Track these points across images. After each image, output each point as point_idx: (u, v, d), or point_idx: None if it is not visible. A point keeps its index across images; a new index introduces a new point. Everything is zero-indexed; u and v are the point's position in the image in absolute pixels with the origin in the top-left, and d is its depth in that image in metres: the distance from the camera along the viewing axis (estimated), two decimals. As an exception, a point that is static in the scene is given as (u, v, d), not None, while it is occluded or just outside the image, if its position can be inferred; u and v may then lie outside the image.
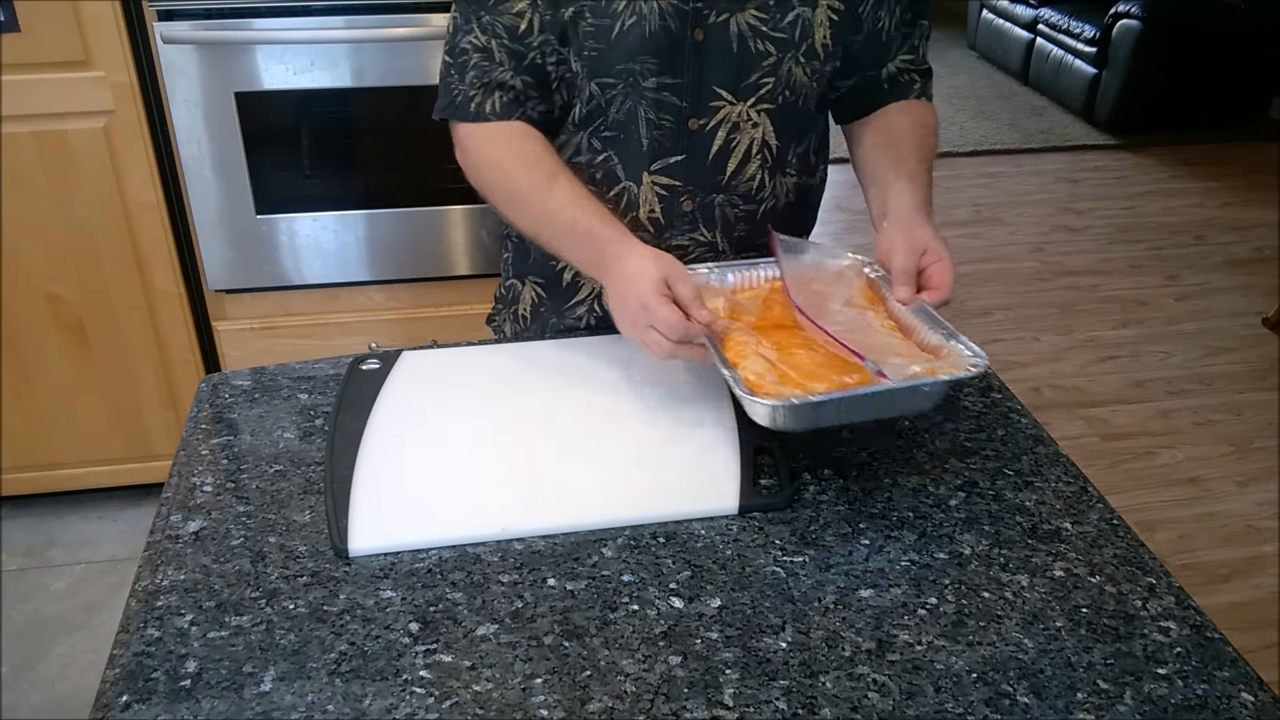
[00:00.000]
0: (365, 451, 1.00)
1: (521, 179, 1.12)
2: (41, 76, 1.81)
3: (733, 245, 1.23)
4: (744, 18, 1.09)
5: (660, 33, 1.08)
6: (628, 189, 1.19)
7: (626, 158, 1.17)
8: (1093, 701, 0.76)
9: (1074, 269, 3.55)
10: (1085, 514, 0.95)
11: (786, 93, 1.14)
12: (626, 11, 1.07)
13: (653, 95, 1.12)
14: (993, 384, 1.15)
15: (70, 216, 1.93)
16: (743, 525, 0.92)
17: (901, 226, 1.07)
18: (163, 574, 0.87)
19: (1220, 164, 4.40)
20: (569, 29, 1.10)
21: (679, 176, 1.17)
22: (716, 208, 1.20)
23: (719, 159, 1.16)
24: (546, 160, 1.12)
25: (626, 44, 1.09)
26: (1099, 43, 4.57)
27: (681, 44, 1.09)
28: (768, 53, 1.10)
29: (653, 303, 0.98)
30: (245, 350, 2.12)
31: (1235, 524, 2.38)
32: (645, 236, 1.19)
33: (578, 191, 1.10)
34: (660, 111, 1.13)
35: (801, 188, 1.26)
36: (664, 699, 0.75)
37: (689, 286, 1.00)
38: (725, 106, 1.13)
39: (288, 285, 2.06)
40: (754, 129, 1.15)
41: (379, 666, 0.78)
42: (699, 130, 1.15)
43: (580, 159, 1.19)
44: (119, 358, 2.09)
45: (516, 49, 1.11)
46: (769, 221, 1.22)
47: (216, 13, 1.78)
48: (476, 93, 1.14)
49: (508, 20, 1.10)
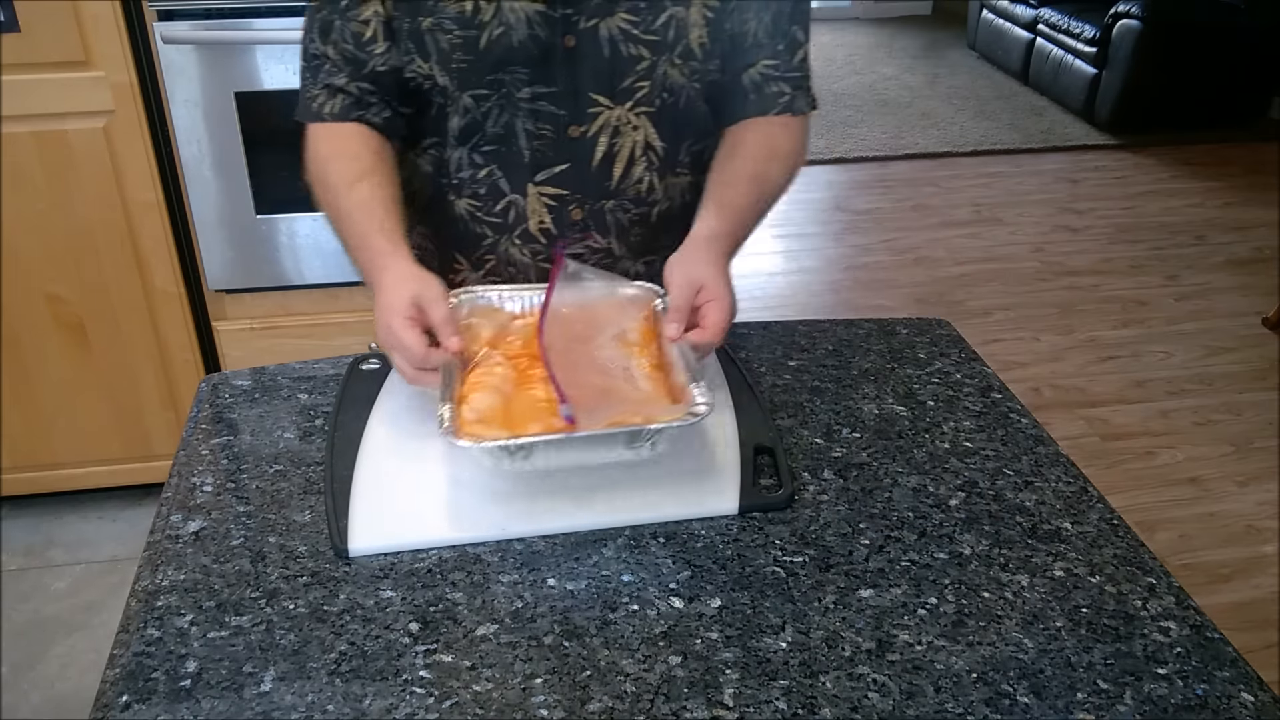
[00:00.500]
0: (365, 451, 1.00)
1: (331, 175, 1.09)
2: (41, 76, 1.81)
3: (630, 249, 1.21)
4: (614, 22, 1.06)
5: (529, 41, 1.06)
6: (514, 202, 1.17)
7: (510, 170, 1.15)
8: (1093, 701, 0.76)
9: (1074, 269, 3.55)
10: (1085, 514, 0.95)
11: (665, 95, 1.12)
12: (493, 22, 1.05)
13: (528, 105, 1.10)
14: (993, 384, 1.15)
15: (70, 216, 1.93)
16: (743, 525, 0.92)
17: (684, 259, 1.03)
18: (163, 574, 0.87)
19: (1220, 164, 4.40)
20: (428, 41, 1.07)
21: (565, 185, 1.15)
22: (607, 214, 1.18)
23: (604, 165, 1.14)
24: (362, 159, 1.09)
25: (495, 55, 1.06)
26: (1099, 43, 4.57)
27: (552, 51, 1.07)
28: (641, 56, 1.08)
29: (396, 325, 0.96)
30: (245, 350, 2.12)
31: (1235, 524, 2.38)
32: (537, 248, 1.18)
33: (375, 195, 1.06)
34: (538, 121, 1.11)
35: (698, 186, 1.21)
36: (664, 699, 0.75)
37: (441, 310, 0.98)
38: (604, 111, 1.11)
39: (288, 285, 2.06)
40: (635, 132, 1.13)
41: (379, 666, 0.78)
42: (580, 137, 1.12)
43: (464, 174, 1.17)
44: (119, 358, 2.09)
45: (357, 56, 1.09)
46: (665, 223, 1.20)
47: (216, 13, 1.78)
48: (320, 93, 1.11)
49: (354, 27, 1.08)
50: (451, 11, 1.05)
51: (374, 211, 1.06)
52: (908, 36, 6.20)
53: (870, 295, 3.38)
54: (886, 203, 4.05)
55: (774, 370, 1.16)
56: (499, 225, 1.19)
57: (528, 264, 1.20)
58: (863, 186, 4.20)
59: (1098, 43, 4.58)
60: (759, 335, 1.23)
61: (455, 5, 1.05)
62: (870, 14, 6.60)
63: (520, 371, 1.00)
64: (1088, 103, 4.71)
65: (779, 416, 1.08)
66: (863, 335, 1.23)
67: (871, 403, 1.10)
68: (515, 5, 1.04)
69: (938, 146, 4.52)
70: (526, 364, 1.01)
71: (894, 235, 3.78)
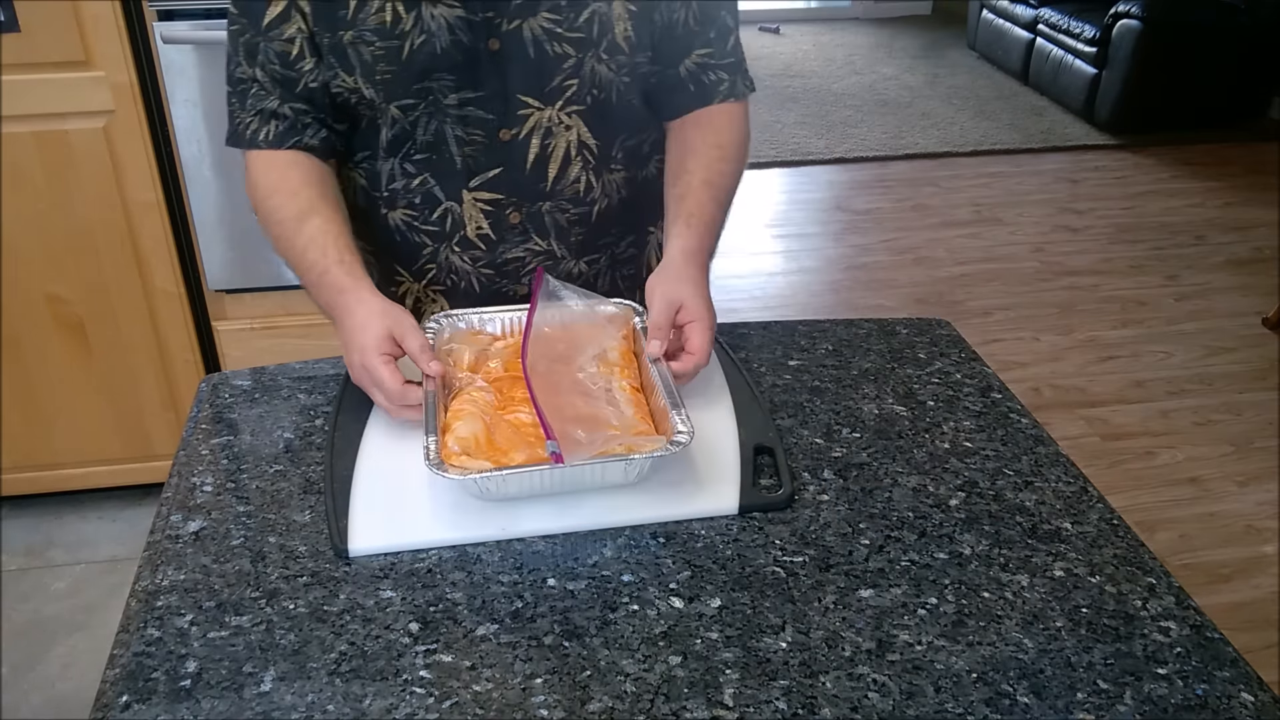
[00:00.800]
0: (365, 451, 1.00)
1: (277, 210, 1.09)
2: (41, 76, 1.81)
3: (571, 250, 1.20)
4: (537, 22, 1.05)
5: (453, 48, 1.05)
6: (450, 209, 1.16)
7: (443, 178, 1.14)
8: (1093, 701, 0.76)
9: (1074, 269, 3.55)
10: (1085, 514, 0.95)
11: (595, 92, 1.11)
12: (415, 30, 1.03)
13: (457, 112, 1.09)
14: (993, 384, 1.15)
15: (70, 216, 1.93)
16: (743, 525, 0.92)
17: (663, 279, 1.04)
18: (163, 574, 0.87)
19: (1220, 164, 4.40)
20: (351, 54, 1.06)
21: (500, 189, 1.14)
22: (545, 215, 1.17)
23: (538, 166, 1.13)
24: (306, 191, 1.09)
25: (419, 63, 1.05)
26: (1099, 43, 4.57)
27: (477, 56, 1.06)
28: (567, 54, 1.07)
29: (372, 363, 0.97)
30: (245, 350, 2.12)
31: (1235, 524, 2.38)
32: (478, 254, 1.17)
33: (327, 229, 1.06)
34: (468, 127, 1.10)
35: (635, 181, 1.21)
36: (664, 699, 0.75)
37: (417, 339, 0.98)
38: (534, 113, 1.10)
39: (288, 285, 2.06)
40: (568, 132, 1.12)
41: (379, 666, 0.78)
42: (512, 140, 1.11)
43: (396, 185, 1.16)
44: (119, 358, 2.09)
45: (288, 75, 1.08)
46: (604, 222, 1.20)
47: (216, 13, 1.78)
48: (253, 120, 1.10)
49: (278, 47, 1.07)
50: (372, 23, 1.04)
51: (327, 248, 1.06)
52: (908, 36, 6.20)
53: (870, 295, 3.38)
54: (886, 203, 4.05)
55: (774, 370, 1.16)
56: (436, 234, 1.18)
57: (469, 271, 1.19)
58: (863, 186, 4.20)
59: (1098, 43, 4.58)
60: (759, 335, 1.23)
61: (375, 17, 1.04)
62: (870, 14, 6.60)
63: (503, 394, 1.00)
64: (1088, 103, 4.71)
65: (779, 416, 1.08)
66: (863, 335, 1.23)
67: (871, 403, 1.10)
68: (435, 12, 1.03)
69: (938, 146, 4.53)
70: (508, 385, 1.02)
71: (894, 235, 3.78)
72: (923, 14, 6.69)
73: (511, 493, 0.92)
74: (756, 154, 4.41)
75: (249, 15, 1.08)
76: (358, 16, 1.04)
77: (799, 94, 5.15)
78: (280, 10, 1.06)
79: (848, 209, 4.03)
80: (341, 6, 1.04)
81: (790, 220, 3.93)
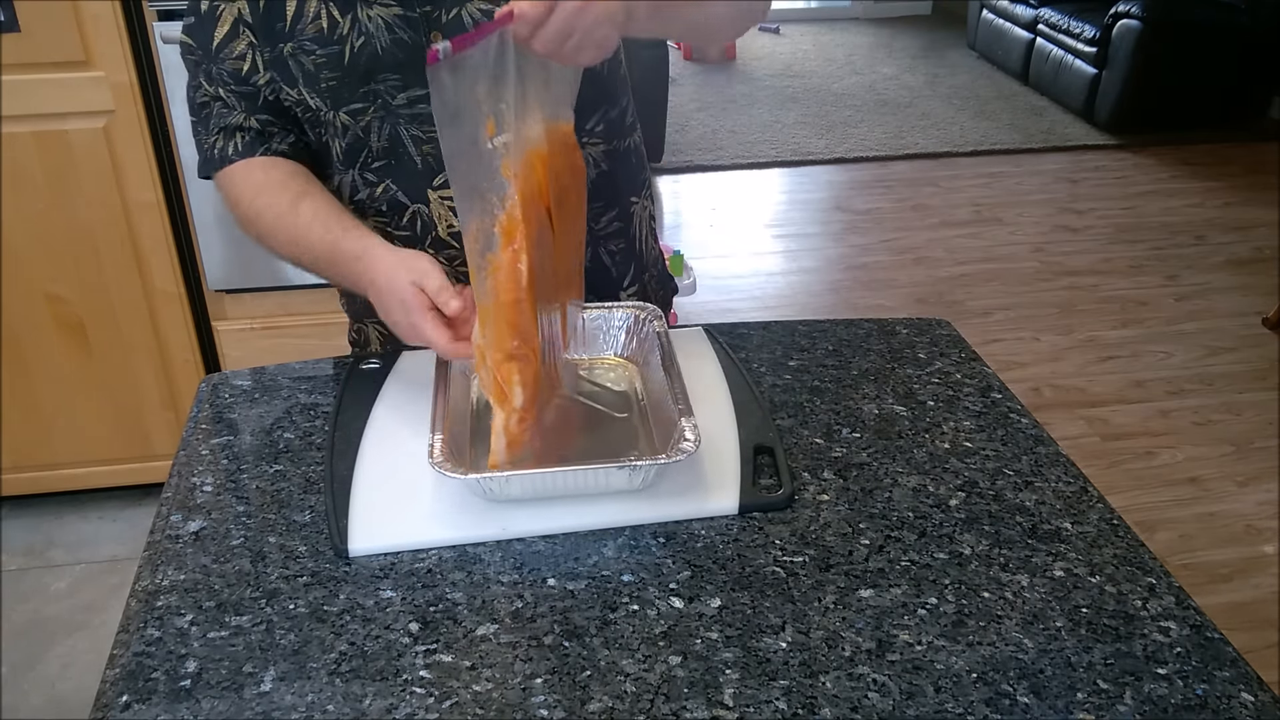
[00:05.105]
0: (365, 451, 1.00)
1: (269, 207, 1.08)
2: (41, 76, 1.81)
3: None
4: (474, 6, 1.03)
5: (394, 46, 1.03)
6: (418, 212, 1.14)
7: (405, 182, 1.12)
8: (1093, 701, 0.76)
9: (1074, 269, 3.55)
10: (1085, 514, 0.95)
11: None
12: (353, 33, 1.02)
13: (408, 111, 1.07)
14: (993, 384, 1.15)
15: (70, 216, 1.93)
16: (743, 525, 0.92)
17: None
18: (163, 574, 0.87)
19: (1220, 164, 4.40)
20: (292, 66, 1.05)
21: None
22: None
23: None
24: (293, 183, 1.08)
25: (362, 66, 1.04)
26: (1099, 43, 4.57)
27: (420, 52, 1.02)
28: None
29: (416, 319, 0.97)
30: (245, 350, 2.12)
31: (1235, 524, 2.38)
32: (453, 253, 1.15)
33: (323, 207, 1.06)
34: (423, 125, 1.08)
35: (613, 153, 1.19)
36: (664, 699, 0.75)
37: (436, 278, 0.97)
38: None
39: (288, 285, 2.06)
40: None
41: (379, 666, 0.78)
42: None
43: (360, 196, 1.14)
44: (119, 358, 2.09)
45: (246, 90, 1.08)
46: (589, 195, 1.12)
47: (216, 13, 1.78)
48: (218, 138, 1.10)
49: (230, 66, 1.07)
50: (309, 32, 1.03)
51: (330, 224, 1.05)
52: (908, 36, 6.20)
53: (870, 295, 3.38)
54: (886, 203, 4.05)
55: (774, 370, 1.16)
56: (409, 238, 1.16)
57: (448, 271, 1.18)
58: (863, 186, 4.20)
59: (1098, 43, 4.58)
60: (759, 335, 1.23)
61: (312, 25, 1.03)
62: (870, 14, 6.60)
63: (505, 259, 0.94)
64: (1088, 103, 4.71)
65: (779, 416, 1.08)
66: (863, 335, 1.23)
67: (871, 403, 1.10)
68: (372, 13, 1.02)
69: (938, 146, 4.52)
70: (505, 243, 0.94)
71: (894, 235, 3.78)
72: (923, 14, 6.69)
73: (514, 494, 0.92)
74: (756, 154, 4.42)
75: (198, 39, 1.08)
76: (295, 27, 1.04)
77: (799, 94, 5.15)
78: (228, 29, 1.06)
79: (848, 209, 4.03)
80: (279, 19, 1.04)
81: (790, 220, 3.93)
